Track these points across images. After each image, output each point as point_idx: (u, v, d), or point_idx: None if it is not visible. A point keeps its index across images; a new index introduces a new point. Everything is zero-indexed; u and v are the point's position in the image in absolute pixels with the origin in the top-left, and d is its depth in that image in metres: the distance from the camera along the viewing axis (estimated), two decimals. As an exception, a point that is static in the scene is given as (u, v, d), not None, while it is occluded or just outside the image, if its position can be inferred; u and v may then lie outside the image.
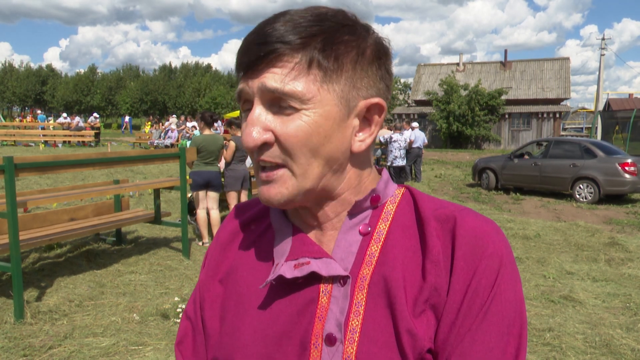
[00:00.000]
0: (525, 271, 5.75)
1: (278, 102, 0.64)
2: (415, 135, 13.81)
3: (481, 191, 12.72)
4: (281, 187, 0.66)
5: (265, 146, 0.65)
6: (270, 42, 0.63)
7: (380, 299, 0.66)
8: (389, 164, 11.70)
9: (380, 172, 0.79)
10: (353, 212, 0.72)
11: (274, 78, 0.63)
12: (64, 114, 34.07)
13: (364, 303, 0.66)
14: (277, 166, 0.66)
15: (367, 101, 0.67)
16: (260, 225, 0.80)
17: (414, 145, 13.56)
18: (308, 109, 0.63)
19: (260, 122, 0.65)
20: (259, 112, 0.65)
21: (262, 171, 0.68)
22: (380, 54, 0.69)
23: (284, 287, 0.70)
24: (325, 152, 0.65)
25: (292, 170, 0.66)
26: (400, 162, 11.58)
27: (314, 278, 0.68)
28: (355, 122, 0.68)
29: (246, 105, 0.68)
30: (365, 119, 0.69)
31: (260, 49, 0.63)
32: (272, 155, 0.65)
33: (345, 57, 0.65)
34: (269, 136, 0.65)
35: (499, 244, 0.66)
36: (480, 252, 0.65)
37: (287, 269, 0.69)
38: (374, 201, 0.72)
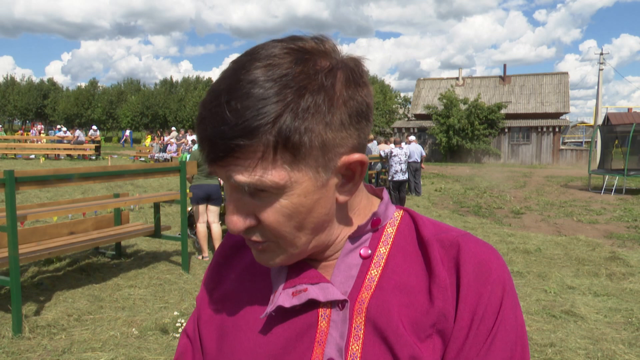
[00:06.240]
0: (526, 286, 5.73)
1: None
2: (411, 149, 13.90)
3: (481, 205, 12.73)
4: (272, 255, 0.67)
5: (249, 229, 0.65)
6: (228, 138, 0.57)
7: (379, 322, 0.66)
8: (390, 178, 11.74)
9: (376, 192, 0.78)
10: (354, 236, 0.71)
11: (241, 172, 0.59)
12: (64, 128, 34.18)
13: (363, 327, 0.66)
14: (264, 242, 0.66)
15: (346, 159, 0.63)
16: None
17: (410, 160, 13.67)
18: (285, 192, 0.61)
19: (240, 209, 0.64)
20: (236, 197, 0.64)
21: (249, 242, 0.68)
22: (352, 88, 0.62)
23: (282, 312, 0.70)
24: (311, 223, 0.64)
25: (279, 245, 0.66)
26: (401, 177, 11.61)
27: (313, 303, 0.68)
28: (337, 178, 0.64)
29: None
30: (348, 170, 0.65)
31: (219, 147, 0.58)
32: (257, 236, 0.65)
33: (313, 125, 0.58)
34: (251, 221, 0.64)
35: (501, 269, 0.68)
36: (484, 279, 0.66)
37: (286, 298, 0.68)
38: (375, 224, 0.72)
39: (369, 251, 0.70)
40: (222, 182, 7.33)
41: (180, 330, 4.19)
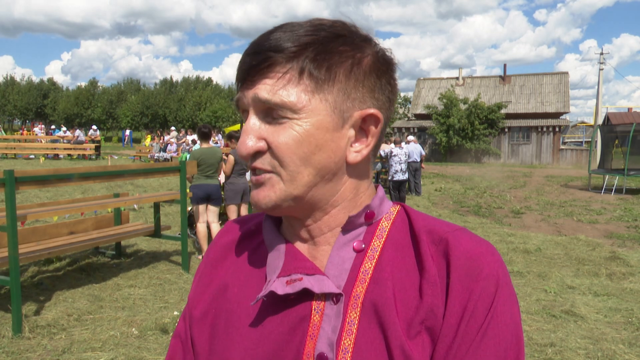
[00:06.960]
0: (526, 285, 5.73)
1: (271, 112, 0.65)
2: (410, 149, 13.91)
3: (481, 205, 12.73)
4: (269, 191, 0.67)
5: (258, 154, 0.67)
6: (263, 51, 0.64)
7: (373, 318, 0.64)
8: (390, 177, 11.75)
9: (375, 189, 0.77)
10: (347, 228, 0.70)
11: (266, 89, 0.64)
12: (63, 128, 34.15)
13: (356, 322, 0.65)
14: (268, 172, 0.67)
15: (363, 112, 0.67)
16: (252, 242, 0.79)
17: (410, 160, 13.69)
18: (300, 118, 0.64)
19: (255, 131, 0.67)
20: (253, 121, 0.67)
21: (253, 175, 0.69)
22: (380, 65, 0.69)
23: (275, 304, 0.69)
24: (316, 161, 0.66)
25: (281, 176, 0.66)
26: (401, 177, 11.62)
27: (306, 295, 0.67)
28: (351, 132, 0.68)
29: (244, 114, 0.69)
30: (362, 130, 0.69)
31: (253, 58, 0.65)
32: (263, 162, 0.67)
33: (338, 67, 0.65)
34: (262, 144, 0.66)
35: (495, 265, 0.65)
36: (475, 274, 0.64)
37: (279, 285, 0.67)
38: (369, 217, 0.71)
39: (363, 245, 0.70)
40: (221, 181, 7.33)
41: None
